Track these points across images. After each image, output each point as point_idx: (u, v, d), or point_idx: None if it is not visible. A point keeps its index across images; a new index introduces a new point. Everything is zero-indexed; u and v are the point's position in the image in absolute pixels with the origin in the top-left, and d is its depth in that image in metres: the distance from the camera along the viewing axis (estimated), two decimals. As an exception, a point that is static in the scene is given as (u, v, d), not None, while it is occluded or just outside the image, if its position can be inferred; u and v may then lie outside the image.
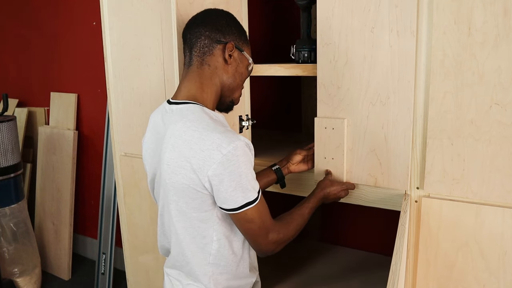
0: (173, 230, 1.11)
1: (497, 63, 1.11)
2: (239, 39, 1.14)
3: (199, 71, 1.11)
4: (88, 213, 3.11)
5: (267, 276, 1.90)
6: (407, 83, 1.23)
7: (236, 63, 1.13)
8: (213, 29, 1.10)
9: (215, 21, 1.11)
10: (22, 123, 3.16)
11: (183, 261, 1.12)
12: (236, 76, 1.14)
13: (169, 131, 1.04)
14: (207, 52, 1.10)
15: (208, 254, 1.08)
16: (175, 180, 1.02)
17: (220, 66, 1.11)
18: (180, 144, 1.00)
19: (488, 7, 1.09)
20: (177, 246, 1.11)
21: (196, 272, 1.10)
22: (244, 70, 1.17)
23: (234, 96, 1.18)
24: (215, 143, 0.96)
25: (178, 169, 1.00)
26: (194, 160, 0.98)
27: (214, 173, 0.96)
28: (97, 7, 1.77)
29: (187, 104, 1.07)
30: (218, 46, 1.10)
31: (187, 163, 0.99)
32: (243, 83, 1.19)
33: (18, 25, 3.24)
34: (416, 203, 1.28)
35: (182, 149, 0.99)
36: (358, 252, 2.10)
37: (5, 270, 2.58)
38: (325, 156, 1.39)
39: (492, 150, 1.15)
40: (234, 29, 1.13)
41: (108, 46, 1.77)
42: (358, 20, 1.27)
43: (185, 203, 1.04)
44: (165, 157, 1.04)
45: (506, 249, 1.17)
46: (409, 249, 1.30)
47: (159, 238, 1.21)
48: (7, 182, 2.51)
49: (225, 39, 1.11)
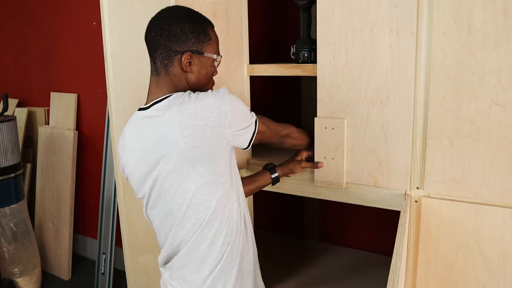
0: (198, 216, 1.11)
1: (497, 63, 1.11)
2: (196, 42, 1.13)
3: (167, 80, 1.14)
4: (88, 213, 3.11)
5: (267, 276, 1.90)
6: (407, 83, 1.23)
7: (197, 68, 1.15)
8: (167, 40, 1.11)
9: (168, 31, 1.11)
10: (22, 123, 3.16)
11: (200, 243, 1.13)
12: (200, 78, 1.16)
13: (167, 119, 1.07)
14: (168, 64, 1.13)
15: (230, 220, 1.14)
16: (200, 152, 1.06)
17: (183, 74, 1.14)
18: (188, 120, 1.04)
19: (488, 7, 1.09)
20: (195, 231, 1.12)
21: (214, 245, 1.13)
22: (209, 68, 1.18)
23: (203, 90, 1.18)
24: (217, 101, 1.06)
25: (199, 140, 1.05)
26: (210, 123, 1.05)
27: (230, 122, 1.08)
28: (97, 7, 1.77)
29: (168, 97, 1.11)
30: (176, 57, 1.12)
31: (206, 130, 1.05)
32: (210, 78, 1.21)
33: (18, 25, 3.24)
34: (416, 203, 1.28)
35: (193, 123, 1.04)
36: (358, 252, 2.10)
37: (5, 270, 2.58)
38: (325, 156, 1.39)
39: (492, 150, 1.15)
40: (189, 34, 1.12)
41: (108, 46, 1.77)
42: (358, 20, 1.27)
43: (213, 171, 1.09)
44: (178, 140, 1.05)
45: (506, 249, 1.17)
46: (409, 249, 1.30)
47: (165, 246, 1.20)
48: (7, 182, 2.51)
49: (181, 49, 1.12)
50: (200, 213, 1.11)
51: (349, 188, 1.39)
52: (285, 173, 1.40)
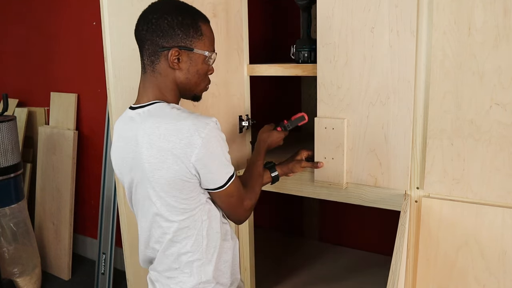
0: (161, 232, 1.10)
1: (497, 63, 1.11)
2: (185, 38, 1.06)
3: (153, 79, 1.09)
4: (88, 213, 3.11)
5: (267, 276, 1.90)
6: (407, 83, 1.23)
7: (186, 65, 1.08)
8: (154, 35, 1.05)
9: (155, 26, 1.05)
10: (22, 123, 3.16)
11: (174, 259, 1.11)
12: (189, 77, 1.09)
13: (140, 131, 1.04)
14: (155, 61, 1.08)
15: (200, 240, 1.09)
16: (159, 176, 1.02)
17: (171, 72, 1.08)
18: (156, 139, 1.00)
19: (488, 7, 1.09)
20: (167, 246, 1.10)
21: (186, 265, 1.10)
22: (200, 66, 1.10)
23: (195, 91, 1.14)
24: (192, 129, 0.98)
25: (161, 164, 1.00)
26: (176, 151, 0.99)
27: (197, 157, 0.99)
28: (97, 7, 1.77)
29: (152, 104, 1.07)
30: (163, 53, 1.06)
31: (169, 156, 0.99)
32: (203, 77, 1.13)
33: (18, 25, 3.24)
34: (416, 203, 1.28)
35: (160, 144, 1.00)
36: (358, 252, 2.10)
37: (5, 270, 2.58)
38: (325, 156, 1.39)
39: (492, 150, 1.15)
40: (177, 29, 1.05)
41: (108, 46, 1.77)
42: (358, 20, 1.27)
43: (173, 197, 1.04)
44: (143, 157, 1.03)
45: (506, 249, 1.17)
46: (409, 249, 1.30)
47: (141, 248, 1.19)
48: (7, 182, 2.51)
49: (167, 44, 1.05)
50: (163, 229, 1.09)
51: (349, 188, 1.39)
52: (284, 172, 1.38)
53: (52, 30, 3.02)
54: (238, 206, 1.12)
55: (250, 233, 1.73)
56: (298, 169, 1.38)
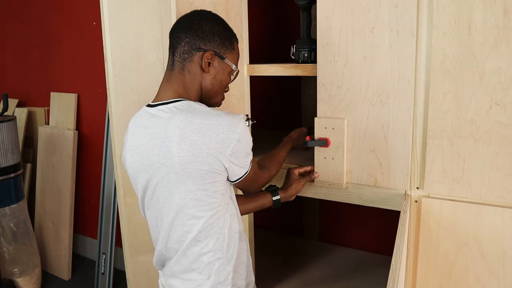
0: (185, 230, 1.09)
1: (497, 63, 1.11)
2: (221, 46, 1.13)
3: (180, 76, 1.12)
4: (88, 213, 3.11)
5: (268, 276, 1.90)
6: (407, 83, 1.23)
7: (215, 71, 1.13)
8: (194, 35, 1.10)
9: (197, 27, 1.11)
10: (22, 123, 3.16)
11: (194, 259, 1.10)
12: (214, 83, 1.14)
13: (171, 126, 1.04)
14: (187, 59, 1.11)
15: (222, 239, 1.11)
16: (192, 169, 1.03)
17: (199, 73, 1.12)
18: (189, 134, 1.02)
19: (488, 7, 1.09)
20: (188, 245, 1.10)
21: (207, 266, 1.10)
22: (225, 77, 1.16)
23: (213, 101, 1.18)
24: (227, 125, 1.03)
25: (194, 157, 1.02)
26: (211, 145, 1.02)
27: (232, 151, 1.04)
28: (97, 7, 1.77)
29: (179, 101, 1.08)
30: (197, 54, 1.10)
31: (204, 149, 1.02)
32: (223, 89, 1.19)
33: (18, 25, 3.24)
34: (416, 203, 1.28)
35: (193, 138, 1.02)
36: (358, 252, 2.10)
37: (5, 270, 2.58)
38: (325, 156, 1.39)
39: (492, 150, 1.15)
40: (216, 36, 1.12)
41: (108, 46, 1.77)
42: (358, 20, 1.27)
43: (204, 191, 1.06)
44: (173, 151, 1.03)
45: (506, 249, 1.17)
46: (409, 249, 1.30)
47: (159, 248, 1.17)
48: (7, 182, 2.51)
49: (205, 47, 1.11)
50: (187, 227, 1.08)
51: (349, 188, 1.40)
52: (288, 196, 1.38)
53: (52, 30, 3.02)
54: (252, 186, 1.22)
55: (250, 233, 1.73)
56: (301, 188, 1.40)
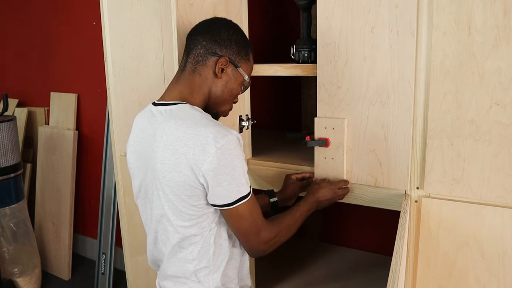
0: (167, 236, 1.09)
1: (497, 63, 1.11)
2: (237, 54, 1.12)
3: (190, 78, 1.11)
4: (88, 213, 3.11)
5: (267, 276, 1.90)
6: (407, 83, 1.23)
7: (227, 78, 1.12)
8: (211, 40, 1.10)
9: (216, 32, 1.10)
10: (22, 123, 3.16)
11: (181, 266, 1.10)
12: (224, 90, 1.12)
13: (159, 131, 1.03)
14: (201, 62, 1.10)
15: (207, 247, 1.08)
16: (170, 178, 1.01)
17: (211, 78, 1.11)
18: (173, 141, 1.00)
19: (488, 7, 1.09)
20: (173, 251, 1.10)
21: (193, 274, 1.09)
22: (237, 86, 1.14)
23: (220, 109, 1.16)
24: (209, 137, 0.97)
25: (173, 166, 1.00)
26: (189, 155, 0.98)
27: (209, 167, 0.97)
28: (97, 7, 1.77)
29: (176, 105, 1.07)
30: (212, 58, 1.10)
31: (182, 160, 0.98)
32: (233, 99, 1.17)
33: (18, 25, 3.24)
34: (416, 203, 1.28)
35: (176, 146, 0.99)
36: (358, 252, 2.10)
37: (5, 270, 2.58)
38: (325, 156, 1.39)
39: (492, 150, 1.15)
40: (233, 44, 1.11)
41: (108, 46, 1.77)
42: (358, 20, 1.27)
43: (181, 201, 1.03)
44: (157, 156, 1.03)
45: (506, 249, 1.17)
46: (409, 249, 1.30)
47: (149, 248, 1.18)
48: (7, 182, 2.51)
49: (220, 52, 1.10)
50: (168, 233, 1.08)
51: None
52: (286, 198, 1.40)
53: (52, 30, 3.02)
54: (251, 234, 1.06)
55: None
56: (300, 191, 1.42)
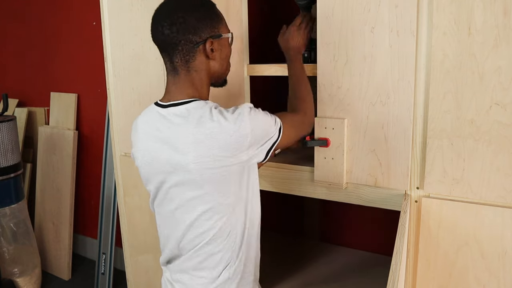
0: (196, 232, 1.09)
1: (497, 63, 1.11)
2: (213, 27, 1.07)
3: (188, 78, 1.08)
4: (88, 213, 3.11)
5: (267, 276, 1.90)
6: (407, 83, 1.23)
7: (219, 51, 1.11)
8: (186, 33, 1.04)
9: (184, 22, 1.03)
10: (22, 123, 3.16)
11: (205, 258, 1.10)
12: (223, 62, 1.13)
13: (182, 132, 1.02)
14: (190, 59, 1.07)
15: (233, 238, 1.10)
16: (211, 173, 1.01)
17: (205, 65, 1.09)
18: (203, 139, 0.99)
19: (488, 7, 1.09)
20: (201, 246, 1.10)
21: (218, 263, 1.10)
22: (228, 48, 1.15)
23: (225, 75, 1.18)
24: (236, 124, 1.00)
25: (212, 162, 1.00)
26: (227, 147, 1.00)
27: (250, 144, 1.02)
28: (97, 7, 1.77)
29: (189, 103, 1.05)
30: (198, 49, 1.06)
31: (221, 153, 1.00)
32: (229, 59, 1.18)
33: (18, 25, 3.24)
34: (416, 203, 1.28)
35: (208, 143, 0.99)
36: (358, 252, 2.10)
37: (5, 270, 2.58)
38: (325, 156, 1.39)
39: (492, 150, 1.15)
40: (204, 21, 1.05)
41: (108, 46, 1.77)
42: (358, 20, 1.27)
43: (221, 193, 1.04)
44: (188, 158, 1.00)
45: (506, 249, 1.17)
46: (409, 249, 1.30)
47: (169, 247, 1.16)
48: (7, 182, 2.51)
49: (200, 38, 1.05)
50: (202, 231, 1.08)
51: (349, 188, 1.39)
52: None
53: (52, 30, 3.02)
54: (299, 134, 1.21)
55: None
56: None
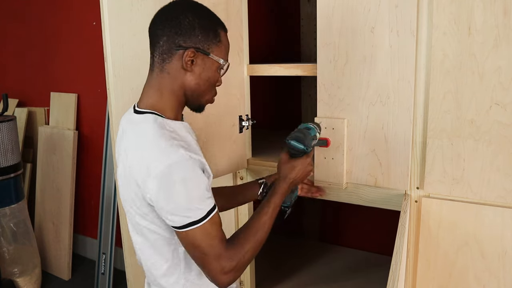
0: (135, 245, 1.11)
1: (497, 63, 1.11)
2: (204, 40, 1.00)
3: (159, 79, 1.02)
4: (88, 213, 3.11)
5: (267, 276, 1.90)
6: (407, 83, 1.23)
7: (200, 69, 1.01)
8: (172, 32, 0.98)
9: (175, 22, 0.98)
10: (22, 123, 3.16)
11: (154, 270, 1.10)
12: (200, 82, 1.02)
13: (124, 142, 1.02)
14: (166, 59, 1.00)
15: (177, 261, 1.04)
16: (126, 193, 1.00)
17: (181, 74, 1.00)
18: (131, 157, 0.96)
19: (488, 7, 1.09)
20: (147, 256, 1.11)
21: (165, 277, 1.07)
22: (213, 73, 1.03)
23: (202, 100, 1.06)
24: (156, 157, 0.91)
25: (128, 184, 0.98)
26: (137, 176, 0.94)
27: (153, 190, 0.91)
28: (97, 7, 1.77)
29: (144, 115, 1.01)
30: (177, 53, 0.99)
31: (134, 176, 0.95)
32: (213, 86, 1.06)
33: (18, 25, 3.24)
34: (416, 203, 1.28)
35: (130, 163, 0.96)
36: (358, 252, 2.10)
37: (5, 270, 2.58)
38: (325, 156, 1.39)
39: (492, 150, 1.15)
40: (197, 30, 0.99)
41: (108, 46, 1.77)
42: (358, 20, 1.27)
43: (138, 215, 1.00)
44: (119, 168, 1.02)
45: (506, 249, 1.17)
46: (409, 249, 1.30)
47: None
48: (7, 182, 2.51)
49: (185, 44, 0.98)
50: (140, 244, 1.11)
51: (349, 188, 1.39)
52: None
53: (52, 30, 3.02)
54: (208, 264, 0.93)
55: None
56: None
